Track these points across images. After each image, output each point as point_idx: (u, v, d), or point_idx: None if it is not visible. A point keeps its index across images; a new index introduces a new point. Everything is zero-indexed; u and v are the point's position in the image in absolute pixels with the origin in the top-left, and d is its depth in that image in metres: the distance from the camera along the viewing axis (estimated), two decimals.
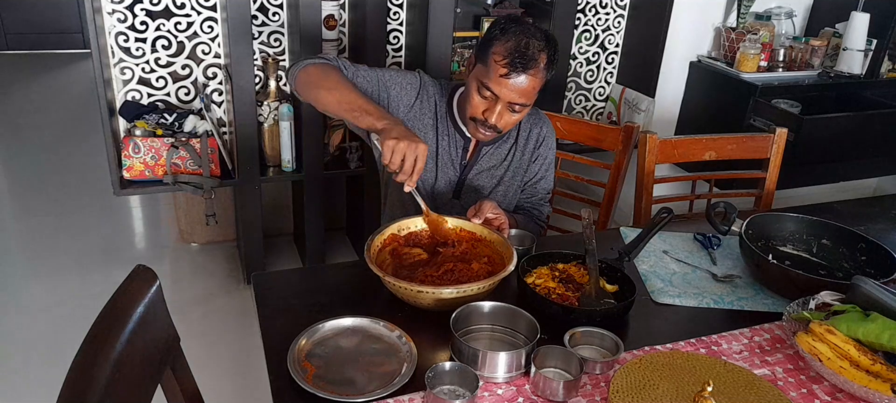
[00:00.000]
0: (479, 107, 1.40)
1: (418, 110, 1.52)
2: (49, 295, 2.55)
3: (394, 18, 2.55)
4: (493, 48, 1.35)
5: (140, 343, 0.94)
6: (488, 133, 1.43)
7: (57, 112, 4.49)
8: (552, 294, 1.22)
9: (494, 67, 1.34)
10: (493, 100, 1.37)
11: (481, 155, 1.56)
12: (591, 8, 2.86)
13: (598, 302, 1.22)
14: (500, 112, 1.38)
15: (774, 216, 1.51)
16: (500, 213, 1.36)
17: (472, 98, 1.40)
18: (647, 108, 2.86)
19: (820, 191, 3.29)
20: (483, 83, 1.37)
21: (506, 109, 1.38)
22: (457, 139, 1.54)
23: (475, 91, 1.39)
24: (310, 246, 2.62)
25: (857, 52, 2.85)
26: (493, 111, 1.38)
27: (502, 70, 1.33)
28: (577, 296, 1.22)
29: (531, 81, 1.35)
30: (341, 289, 1.29)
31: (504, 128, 1.42)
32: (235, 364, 2.24)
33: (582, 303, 1.20)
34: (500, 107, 1.37)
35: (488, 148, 1.56)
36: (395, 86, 1.50)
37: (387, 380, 1.01)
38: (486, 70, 1.36)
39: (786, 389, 1.05)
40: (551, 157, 1.64)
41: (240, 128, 2.29)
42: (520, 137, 1.59)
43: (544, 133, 1.61)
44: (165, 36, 2.27)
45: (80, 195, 3.36)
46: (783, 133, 1.94)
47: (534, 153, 1.60)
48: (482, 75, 1.37)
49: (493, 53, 1.35)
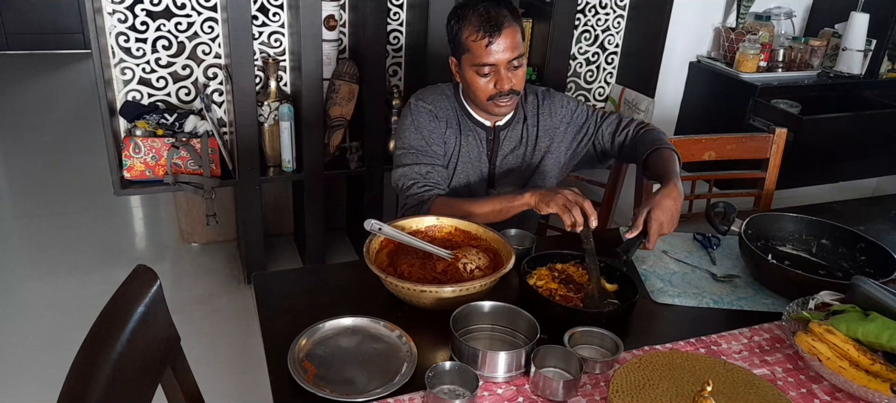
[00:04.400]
0: (488, 85, 1.46)
1: (445, 126, 1.56)
2: (49, 295, 2.55)
3: (394, 18, 2.55)
4: (463, 35, 1.44)
5: (140, 343, 0.94)
6: (507, 101, 1.48)
7: (57, 112, 4.49)
8: (555, 295, 1.22)
9: (476, 47, 1.42)
10: (494, 70, 1.43)
11: (502, 141, 1.59)
12: (590, 8, 2.86)
13: (602, 302, 1.22)
14: (505, 75, 1.44)
15: (774, 216, 1.51)
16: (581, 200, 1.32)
17: (476, 84, 1.46)
18: (646, 108, 2.86)
19: (819, 191, 3.29)
20: (476, 65, 1.43)
21: (508, 70, 1.44)
22: (478, 132, 1.58)
23: (475, 76, 1.45)
24: (310, 246, 2.62)
25: (856, 53, 2.86)
26: (500, 79, 1.44)
27: (483, 42, 1.41)
28: (579, 297, 1.23)
29: (511, 32, 1.42)
30: (341, 289, 1.29)
31: (517, 86, 1.47)
32: (236, 364, 2.24)
33: (586, 305, 1.21)
34: (503, 71, 1.43)
35: (505, 131, 1.59)
36: (427, 135, 1.54)
37: (387, 380, 1.01)
38: (471, 55, 1.43)
39: (785, 389, 1.05)
40: (571, 103, 1.64)
41: (240, 128, 2.30)
42: (527, 112, 1.61)
43: (541, 93, 1.63)
44: (166, 36, 2.28)
45: (80, 195, 3.36)
46: (783, 133, 1.94)
47: (539, 109, 1.61)
48: (471, 61, 1.44)
49: (467, 38, 1.43)
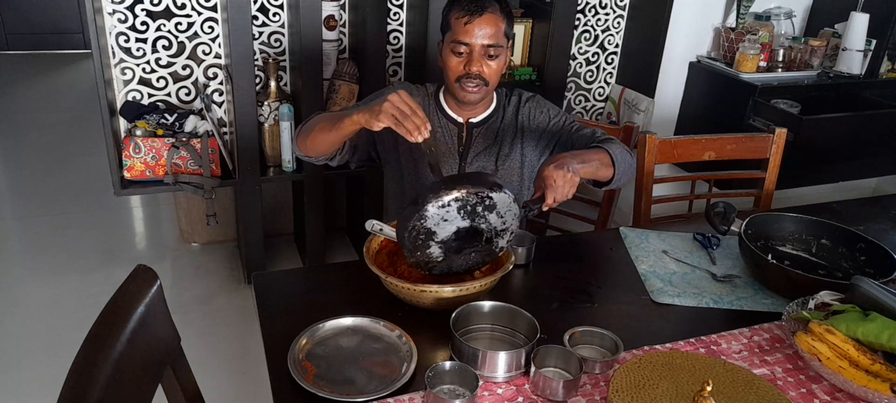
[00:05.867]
0: (459, 65, 1.46)
1: None
2: (49, 295, 2.55)
3: (394, 19, 2.55)
4: (449, 13, 1.46)
5: (140, 343, 0.94)
6: (474, 88, 1.47)
7: (57, 112, 4.49)
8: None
9: (456, 24, 1.43)
10: (467, 51, 1.44)
11: (474, 138, 1.58)
12: (590, 8, 2.86)
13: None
14: (477, 59, 1.44)
15: (774, 216, 1.51)
16: (553, 174, 1.26)
17: (450, 62, 1.46)
18: (646, 109, 2.86)
19: (819, 191, 3.30)
20: (453, 42, 1.44)
21: (481, 56, 1.44)
22: (449, 128, 1.57)
23: (450, 55, 1.46)
24: (310, 246, 2.62)
25: (856, 53, 2.86)
26: (471, 61, 1.44)
27: (464, 19, 1.42)
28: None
29: (493, 20, 1.42)
30: (341, 289, 1.29)
31: (489, 77, 1.46)
32: (236, 364, 2.24)
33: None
34: (476, 55, 1.43)
35: (479, 129, 1.58)
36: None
37: (387, 380, 1.01)
38: (451, 32, 1.45)
39: (785, 389, 1.05)
40: (553, 110, 1.62)
41: (240, 128, 2.30)
42: (507, 112, 1.60)
43: (524, 97, 1.63)
44: (166, 36, 2.28)
45: (80, 195, 3.36)
46: (782, 133, 1.94)
47: (518, 111, 1.60)
48: (450, 38, 1.45)
49: (451, 15, 1.45)
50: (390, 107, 1.20)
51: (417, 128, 1.19)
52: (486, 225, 1.18)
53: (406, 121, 1.19)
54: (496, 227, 1.20)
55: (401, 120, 1.20)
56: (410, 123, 1.19)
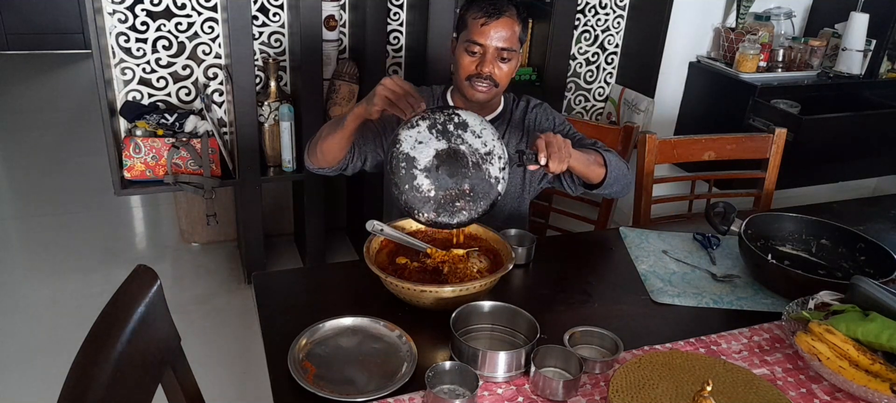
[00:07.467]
0: (471, 64, 1.46)
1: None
2: (49, 295, 2.55)
3: (394, 19, 2.55)
4: (466, 12, 1.46)
5: (141, 343, 0.94)
6: (484, 86, 1.47)
7: (57, 112, 4.49)
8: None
9: (473, 24, 1.44)
10: (481, 52, 1.44)
11: None
12: (590, 8, 2.86)
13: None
14: (489, 60, 1.44)
15: (774, 216, 1.51)
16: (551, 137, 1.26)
17: (462, 60, 1.47)
18: (646, 109, 2.86)
19: (819, 191, 3.29)
20: (468, 41, 1.44)
21: (495, 58, 1.44)
22: None
23: (463, 53, 1.46)
24: (310, 246, 2.62)
25: (856, 53, 2.86)
26: (484, 62, 1.44)
27: (481, 20, 1.42)
28: (414, 266, 1.24)
29: (509, 23, 1.43)
30: (341, 289, 1.29)
31: (499, 79, 1.47)
32: (236, 364, 2.24)
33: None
34: (488, 56, 1.44)
35: None
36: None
37: (387, 380, 1.01)
38: (467, 31, 1.45)
39: (785, 389, 1.06)
40: (559, 119, 1.63)
41: (240, 128, 2.30)
42: (514, 116, 1.61)
43: (533, 103, 1.64)
44: (166, 36, 2.28)
45: (80, 195, 3.36)
46: (782, 133, 1.94)
47: (525, 115, 1.61)
48: (465, 37, 1.46)
49: (468, 15, 1.46)
50: (384, 89, 1.23)
51: (411, 107, 1.22)
52: (466, 147, 1.19)
53: (400, 101, 1.22)
54: (478, 149, 1.20)
55: (395, 101, 1.22)
56: (404, 103, 1.22)
